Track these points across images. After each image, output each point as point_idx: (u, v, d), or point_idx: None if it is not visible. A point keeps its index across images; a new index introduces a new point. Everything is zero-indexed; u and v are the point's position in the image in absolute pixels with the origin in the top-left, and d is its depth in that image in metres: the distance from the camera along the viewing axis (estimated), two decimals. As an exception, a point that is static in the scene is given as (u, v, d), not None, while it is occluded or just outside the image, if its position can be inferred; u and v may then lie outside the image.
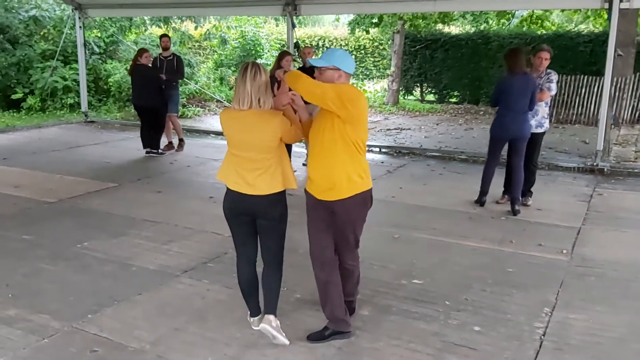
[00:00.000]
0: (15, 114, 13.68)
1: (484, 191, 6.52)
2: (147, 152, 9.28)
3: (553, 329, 3.72)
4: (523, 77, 5.97)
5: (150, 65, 9.12)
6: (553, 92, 6.19)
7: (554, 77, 6.19)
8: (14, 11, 14.29)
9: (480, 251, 5.14)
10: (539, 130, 6.32)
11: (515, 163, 6.21)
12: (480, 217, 6.16)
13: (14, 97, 13.88)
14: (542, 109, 6.27)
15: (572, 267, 4.81)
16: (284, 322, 3.74)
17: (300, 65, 8.58)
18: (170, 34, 13.16)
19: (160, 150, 9.32)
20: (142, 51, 9.08)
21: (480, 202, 6.52)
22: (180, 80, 9.95)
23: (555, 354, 3.44)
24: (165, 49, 9.42)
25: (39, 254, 4.92)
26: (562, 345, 3.53)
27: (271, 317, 3.44)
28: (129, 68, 9.31)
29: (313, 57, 8.54)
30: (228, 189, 3.35)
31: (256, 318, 3.58)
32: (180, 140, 9.76)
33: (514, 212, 6.21)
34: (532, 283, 4.44)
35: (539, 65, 6.19)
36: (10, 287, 4.28)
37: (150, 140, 9.25)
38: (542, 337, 3.63)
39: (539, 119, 6.28)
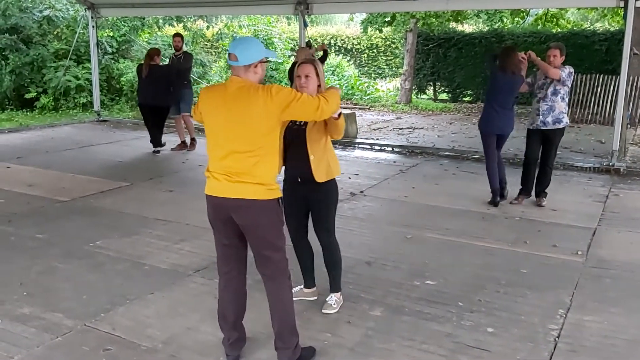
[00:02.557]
0: (28, 113, 13.82)
1: (494, 190, 6.48)
2: (154, 152, 9.46)
3: (567, 331, 3.68)
4: (514, 76, 6.18)
5: (161, 65, 9.27)
6: (563, 74, 6.03)
7: (567, 68, 6.10)
8: (28, 11, 14.41)
9: (494, 252, 5.10)
10: (557, 126, 6.21)
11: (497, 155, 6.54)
12: (493, 218, 6.11)
13: (27, 96, 14.02)
14: (559, 104, 6.16)
15: (587, 268, 4.75)
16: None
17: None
18: (183, 33, 13.21)
19: (160, 149, 9.51)
20: (157, 51, 9.25)
21: (494, 202, 6.47)
22: (192, 79, 9.99)
23: (569, 355, 3.40)
24: (177, 49, 9.47)
25: (52, 253, 4.95)
26: (577, 347, 3.49)
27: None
28: (143, 68, 9.29)
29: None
30: None
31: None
32: (192, 140, 9.79)
33: (495, 204, 6.44)
34: (546, 284, 4.39)
35: (550, 64, 6.14)
36: (24, 285, 4.30)
37: (158, 138, 9.47)
38: (557, 338, 3.59)
39: (556, 114, 6.17)
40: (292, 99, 3.00)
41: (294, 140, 3.56)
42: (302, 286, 4.08)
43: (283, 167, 3.67)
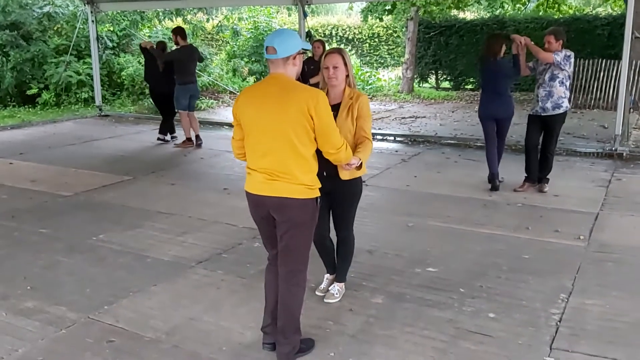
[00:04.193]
0: (30, 109, 13.83)
1: (493, 174, 6.52)
2: (163, 141, 9.70)
3: (569, 315, 3.69)
4: (495, 61, 6.33)
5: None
6: (557, 57, 5.97)
7: (564, 51, 6.04)
8: (27, 7, 14.41)
9: (496, 238, 5.10)
10: (557, 111, 6.17)
11: (497, 141, 6.60)
12: (495, 204, 6.10)
13: (29, 92, 14.03)
14: (557, 89, 6.11)
15: (589, 253, 4.75)
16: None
17: (310, 56, 8.53)
18: (183, 26, 13.18)
19: (167, 137, 9.74)
20: (164, 44, 9.81)
21: (494, 187, 6.47)
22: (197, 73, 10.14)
23: (571, 339, 3.40)
24: (176, 44, 9.43)
25: (55, 247, 4.98)
26: (578, 331, 3.49)
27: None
28: (158, 61, 9.38)
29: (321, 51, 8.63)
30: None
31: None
32: (197, 137, 9.58)
33: (495, 188, 6.49)
34: (548, 269, 4.39)
35: (547, 50, 6.10)
36: (28, 279, 4.33)
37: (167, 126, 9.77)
38: (558, 323, 3.59)
39: (555, 99, 6.13)
40: (329, 122, 3.01)
41: None
42: None
43: None
